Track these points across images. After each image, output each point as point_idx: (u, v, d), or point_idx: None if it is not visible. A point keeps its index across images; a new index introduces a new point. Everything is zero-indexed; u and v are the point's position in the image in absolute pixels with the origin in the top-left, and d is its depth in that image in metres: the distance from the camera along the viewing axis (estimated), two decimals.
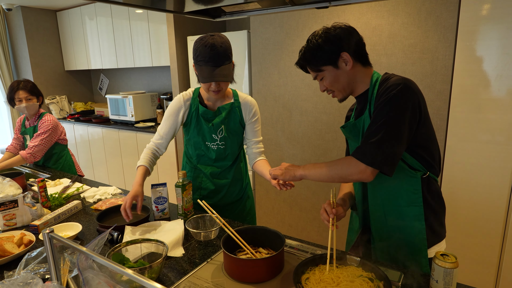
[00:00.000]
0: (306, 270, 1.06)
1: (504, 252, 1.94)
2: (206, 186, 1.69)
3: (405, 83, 1.05)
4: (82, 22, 4.46)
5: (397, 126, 1.03)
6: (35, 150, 2.35)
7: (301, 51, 1.20)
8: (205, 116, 1.58)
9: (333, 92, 1.22)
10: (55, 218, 1.53)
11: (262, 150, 1.70)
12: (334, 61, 1.14)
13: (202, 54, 1.38)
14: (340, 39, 1.13)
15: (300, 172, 1.19)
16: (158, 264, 1.07)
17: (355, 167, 1.07)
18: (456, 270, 0.95)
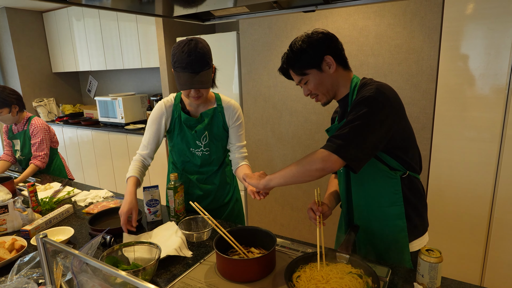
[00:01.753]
0: (297, 269, 1.08)
1: (488, 246, 2.00)
2: (193, 192, 1.68)
3: (378, 88, 1.08)
4: (69, 23, 4.41)
5: (367, 123, 1.05)
6: (46, 158, 2.40)
7: (283, 57, 1.21)
8: (188, 124, 1.56)
9: (316, 96, 1.24)
10: (47, 222, 1.53)
11: (245, 155, 1.67)
12: (318, 64, 1.16)
13: (179, 61, 1.35)
14: (323, 43, 1.16)
15: (273, 183, 1.18)
16: (152, 266, 1.08)
17: (318, 155, 1.07)
18: (440, 265, 0.99)
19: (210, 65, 1.41)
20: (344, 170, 1.29)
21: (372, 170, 1.18)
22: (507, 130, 1.85)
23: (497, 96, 1.86)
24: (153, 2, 1.16)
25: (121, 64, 4.05)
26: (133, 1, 1.15)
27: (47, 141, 2.42)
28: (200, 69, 1.36)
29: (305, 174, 1.09)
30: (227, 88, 3.07)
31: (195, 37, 1.39)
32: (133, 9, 1.19)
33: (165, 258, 1.22)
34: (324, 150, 1.06)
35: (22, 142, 2.43)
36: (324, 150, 1.06)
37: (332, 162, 1.04)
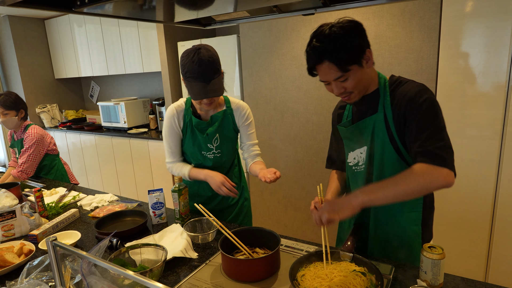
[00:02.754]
0: (301, 267, 1.10)
1: (492, 243, 2.01)
2: (204, 193, 1.71)
3: (430, 90, 1.08)
4: (71, 29, 4.46)
5: (445, 129, 1.05)
6: (24, 167, 2.33)
7: (314, 48, 1.05)
8: (199, 127, 1.58)
9: (350, 94, 1.13)
10: (54, 227, 1.55)
11: (258, 153, 1.70)
12: (360, 59, 1.07)
13: (190, 71, 1.37)
14: (364, 35, 1.08)
15: (360, 200, 1.00)
16: (158, 267, 1.10)
17: (438, 173, 0.98)
18: (443, 261, 1.00)
19: (219, 71, 1.43)
20: (365, 170, 1.22)
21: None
22: (508, 127, 1.86)
23: (497, 94, 1.87)
24: (153, 8, 1.18)
25: (123, 69, 4.08)
26: (134, 8, 1.18)
27: (34, 152, 2.36)
28: (212, 77, 1.38)
29: (419, 194, 1.03)
30: (229, 91, 3.09)
31: (202, 45, 1.41)
32: (135, 16, 1.21)
33: (171, 259, 1.24)
34: (442, 168, 0.99)
35: (19, 150, 2.45)
36: (442, 168, 0.99)
37: (452, 178, 1.00)
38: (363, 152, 1.22)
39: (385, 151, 1.15)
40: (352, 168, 1.28)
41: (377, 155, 1.17)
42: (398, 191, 1.00)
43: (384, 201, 1.01)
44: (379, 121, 1.15)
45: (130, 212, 1.66)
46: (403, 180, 1.01)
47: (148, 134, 3.83)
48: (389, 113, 1.13)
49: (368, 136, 1.18)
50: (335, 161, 1.44)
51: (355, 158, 1.26)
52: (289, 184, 2.94)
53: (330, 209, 1.01)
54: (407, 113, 1.08)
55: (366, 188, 1.04)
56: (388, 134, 1.14)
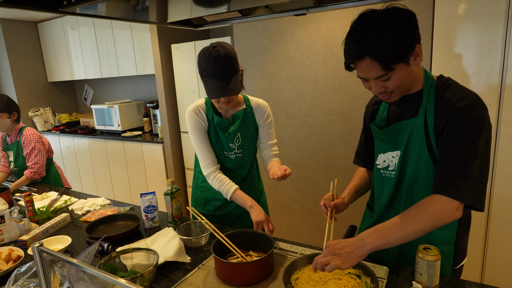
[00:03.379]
0: (295, 270, 1.08)
1: (487, 244, 2.01)
2: (221, 197, 1.61)
3: (484, 104, 0.96)
4: (64, 32, 4.42)
5: (485, 155, 0.96)
6: (36, 168, 2.35)
7: (355, 42, 0.93)
8: (221, 126, 1.53)
9: (390, 94, 1.02)
10: (44, 232, 1.52)
11: (277, 153, 1.65)
12: (407, 57, 0.94)
13: (206, 69, 1.33)
14: (415, 27, 0.94)
15: (369, 248, 0.91)
16: (150, 272, 1.07)
17: (450, 209, 0.92)
18: (438, 263, 0.99)
19: (237, 69, 1.38)
20: (396, 177, 1.12)
21: (430, 186, 1.03)
22: (501, 127, 1.87)
23: (490, 94, 1.87)
24: (144, 8, 1.17)
25: (117, 71, 4.05)
26: (125, 8, 1.16)
27: (39, 150, 2.38)
28: (229, 75, 1.34)
29: (432, 230, 0.94)
30: None
31: (219, 42, 1.36)
32: (125, 16, 1.20)
33: (163, 264, 1.22)
34: (453, 201, 0.93)
35: (15, 153, 2.42)
36: (453, 201, 0.93)
37: (461, 212, 0.94)
38: (396, 157, 1.12)
39: (421, 159, 1.05)
40: (380, 171, 1.18)
41: (412, 162, 1.07)
42: (408, 232, 0.92)
43: (393, 245, 0.93)
44: (418, 127, 1.04)
45: (122, 216, 1.64)
46: (414, 219, 0.93)
47: (142, 137, 3.80)
48: (430, 119, 1.02)
49: (404, 140, 1.08)
50: (363, 158, 1.35)
51: (385, 161, 1.16)
52: (284, 186, 2.92)
53: (336, 258, 0.90)
54: (447, 126, 0.97)
55: (373, 233, 0.93)
56: (427, 142, 1.03)
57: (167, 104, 3.51)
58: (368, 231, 0.95)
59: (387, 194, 1.16)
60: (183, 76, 3.36)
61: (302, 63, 2.57)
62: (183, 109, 3.48)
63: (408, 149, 1.08)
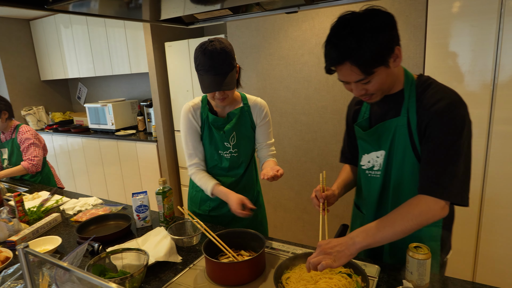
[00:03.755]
0: (287, 270, 1.08)
1: (479, 241, 2.02)
2: (217, 197, 1.57)
3: (463, 102, 0.97)
4: (57, 30, 4.38)
5: (467, 153, 0.97)
6: (36, 160, 2.34)
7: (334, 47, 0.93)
8: (216, 124, 1.51)
9: (371, 96, 1.03)
10: (34, 232, 1.50)
11: (274, 153, 1.63)
12: (387, 60, 0.94)
13: (202, 63, 1.32)
14: (394, 29, 0.94)
15: (359, 247, 0.94)
16: (139, 273, 1.06)
17: (436, 208, 0.94)
18: (428, 261, 0.99)
19: (233, 65, 1.36)
20: (381, 177, 1.14)
21: (415, 184, 1.04)
22: (494, 125, 1.87)
23: (483, 92, 1.87)
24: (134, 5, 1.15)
25: (110, 70, 4.02)
26: (115, 6, 1.15)
27: (37, 145, 2.38)
28: (223, 70, 1.32)
29: (417, 229, 0.96)
30: None
31: (217, 37, 1.35)
32: (116, 14, 1.18)
33: (154, 264, 1.21)
34: (439, 201, 0.95)
35: (10, 151, 2.40)
36: (439, 201, 0.95)
37: (447, 211, 0.96)
38: (380, 157, 1.13)
39: (406, 158, 1.07)
40: (365, 171, 1.19)
41: (397, 162, 1.09)
42: (396, 231, 0.94)
43: (382, 243, 0.95)
44: (402, 126, 1.05)
45: (114, 216, 1.62)
46: (401, 219, 0.95)
47: (137, 136, 3.78)
48: (413, 118, 1.03)
49: (388, 140, 1.09)
50: (348, 156, 1.36)
51: (370, 161, 1.17)
52: (278, 185, 2.92)
53: (327, 257, 0.92)
54: (430, 126, 0.98)
55: (363, 232, 0.96)
56: (410, 141, 1.05)
57: (161, 103, 3.49)
58: (357, 230, 0.97)
59: (374, 194, 1.17)
60: (177, 74, 3.34)
61: (296, 61, 2.56)
62: (177, 108, 3.46)
63: (392, 148, 1.09)
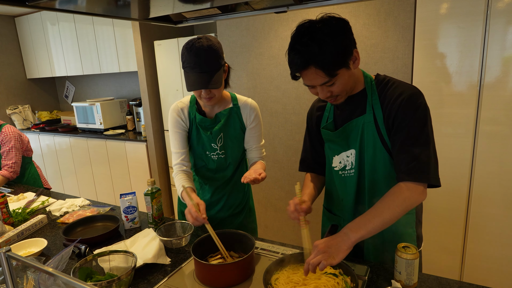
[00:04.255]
0: (276, 271, 1.07)
1: (467, 240, 2.05)
2: (204, 199, 1.56)
3: (421, 92, 1.05)
4: (43, 27, 4.29)
5: (432, 137, 1.05)
6: (15, 166, 2.30)
7: (298, 52, 0.98)
8: (203, 125, 1.47)
9: (336, 97, 1.08)
10: (18, 234, 1.47)
11: (264, 155, 1.59)
12: (347, 62, 1.01)
13: (187, 60, 1.28)
14: (350, 34, 1.01)
15: (353, 240, 0.97)
16: (127, 275, 1.05)
17: (417, 192, 1.00)
18: (416, 261, 1.00)
19: (220, 63, 1.32)
20: (356, 174, 1.17)
21: (389, 176, 1.11)
22: (480, 125, 1.90)
23: (470, 93, 1.90)
24: (121, 5, 1.13)
25: (99, 68, 3.96)
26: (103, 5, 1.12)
27: (18, 149, 2.33)
28: (210, 68, 1.28)
29: (402, 214, 1.00)
30: None
31: (205, 35, 1.32)
32: (105, 12, 1.16)
33: (142, 266, 1.19)
34: (418, 185, 1.01)
35: None
36: (418, 185, 1.01)
37: (426, 193, 1.03)
38: (350, 156, 1.17)
39: (377, 153, 1.12)
40: (339, 173, 1.22)
41: (368, 158, 1.13)
42: (385, 220, 0.99)
43: (374, 233, 0.99)
44: (369, 123, 1.10)
45: (102, 217, 1.60)
46: (387, 208, 0.99)
47: (126, 136, 3.73)
48: (379, 114, 1.09)
49: (356, 138, 1.14)
50: (310, 164, 1.37)
51: (341, 162, 1.20)
52: (269, 185, 2.92)
53: (326, 255, 0.95)
54: (397, 118, 1.04)
55: (354, 225, 0.99)
56: (379, 135, 1.10)
57: (150, 102, 3.45)
58: (349, 225, 1.01)
59: (351, 192, 1.20)
60: (166, 73, 3.31)
61: (286, 61, 2.55)
62: (166, 107, 3.43)
63: (362, 145, 1.14)
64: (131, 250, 1.27)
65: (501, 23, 1.76)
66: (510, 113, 1.82)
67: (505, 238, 1.94)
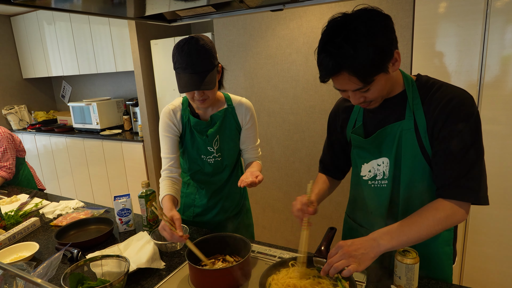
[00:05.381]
0: (271, 275, 1.05)
1: (466, 241, 2.03)
2: (200, 204, 1.54)
3: (473, 98, 0.95)
4: (40, 27, 4.25)
5: (483, 149, 0.94)
6: (12, 167, 2.29)
7: (336, 58, 0.86)
8: (198, 128, 1.41)
9: (369, 103, 0.98)
10: (10, 238, 1.44)
11: (260, 155, 1.56)
12: (386, 66, 0.89)
13: (179, 61, 1.23)
14: (392, 32, 0.88)
15: (383, 249, 0.90)
16: (120, 281, 1.02)
17: (461, 213, 0.92)
18: (417, 266, 0.97)
19: (214, 64, 1.27)
20: (390, 185, 1.06)
21: (427, 190, 1.02)
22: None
23: (470, 92, 1.86)
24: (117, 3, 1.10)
25: (95, 68, 3.93)
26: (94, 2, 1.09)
27: (12, 150, 2.31)
28: (202, 68, 1.23)
29: (440, 232, 0.94)
30: None
31: (197, 35, 1.27)
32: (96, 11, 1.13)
33: (136, 271, 1.16)
34: (464, 204, 0.92)
35: None
36: (464, 204, 0.92)
37: (467, 214, 0.94)
38: (382, 165, 1.07)
39: (415, 164, 1.00)
40: (368, 182, 1.12)
41: (405, 169, 1.02)
42: (421, 236, 0.91)
43: (405, 246, 0.92)
44: (408, 130, 0.99)
45: (95, 220, 1.57)
46: (426, 224, 0.91)
47: (122, 136, 3.70)
48: (421, 120, 0.97)
49: (392, 146, 1.03)
50: (330, 168, 1.29)
51: (371, 171, 1.10)
52: (267, 185, 2.89)
53: (353, 260, 0.87)
54: (446, 127, 0.93)
55: (386, 234, 0.91)
56: (419, 145, 0.99)
57: (147, 102, 3.42)
58: (380, 231, 0.93)
59: (384, 205, 1.09)
60: (163, 72, 3.28)
61: (283, 60, 2.53)
62: (163, 107, 3.39)
63: (399, 155, 1.03)
64: (124, 254, 1.24)
65: (501, 22, 1.74)
66: (509, 113, 1.80)
67: (505, 238, 1.92)
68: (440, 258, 1.08)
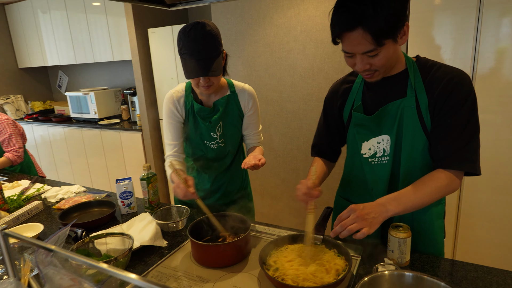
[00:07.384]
0: (272, 251, 1.09)
1: (459, 224, 2.09)
2: (202, 188, 1.56)
3: (470, 78, 1.01)
4: (35, 15, 4.22)
5: (479, 125, 1.02)
6: (21, 151, 2.29)
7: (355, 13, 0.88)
8: (201, 114, 1.42)
9: (374, 72, 1.01)
10: (14, 220, 1.47)
11: (262, 140, 1.58)
12: (397, 33, 0.92)
13: (185, 46, 1.23)
14: (408, 4, 0.94)
15: (391, 214, 0.96)
16: (124, 256, 1.06)
17: (458, 181, 1.00)
18: (409, 240, 1.02)
19: (219, 50, 1.28)
20: (390, 162, 1.10)
21: (427, 165, 1.07)
22: None
23: None
24: None
25: (92, 57, 3.92)
26: None
27: (17, 135, 2.32)
28: (209, 55, 1.23)
29: (438, 199, 1.01)
30: None
31: (203, 20, 1.26)
32: None
33: (139, 248, 1.20)
34: (460, 173, 1.00)
35: None
36: (460, 173, 1.00)
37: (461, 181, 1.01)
38: (382, 142, 1.10)
39: (416, 140, 1.05)
40: (368, 160, 1.15)
41: (406, 145, 1.06)
42: (423, 202, 0.99)
43: (408, 212, 0.99)
44: (409, 107, 1.03)
45: (98, 203, 1.60)
46: (429, 192, 0.98)
47: (121, 125, 3.72)
48: (422, 98, 1.02)
49: (393, 123, 1.06)
50: (324, 150, 1.31)
51: (371, 148, 1.13)
52: (265, 173, 2.93)
53: (365, 223, 0.92)
54: (448, 103, 0.99)
55: (394, 200, 0.98)
56: (420, 122, 1.03)
57: (145, 91, 3.43)
58: (388, 197, 0.99)
59: (384, 181, 1.13)
60: (161, 61, 3.28)
61: (281, 48, 2.55)
62: (161, 96, 3.41)
63: (400, 131, 1.07)
64: (128, 233, 1.28)
65: (494, 11, 1.76)
66: (502, 102, 1.84)
67: (496, 223, 1.98)
68: (433, 231, 1.14)
